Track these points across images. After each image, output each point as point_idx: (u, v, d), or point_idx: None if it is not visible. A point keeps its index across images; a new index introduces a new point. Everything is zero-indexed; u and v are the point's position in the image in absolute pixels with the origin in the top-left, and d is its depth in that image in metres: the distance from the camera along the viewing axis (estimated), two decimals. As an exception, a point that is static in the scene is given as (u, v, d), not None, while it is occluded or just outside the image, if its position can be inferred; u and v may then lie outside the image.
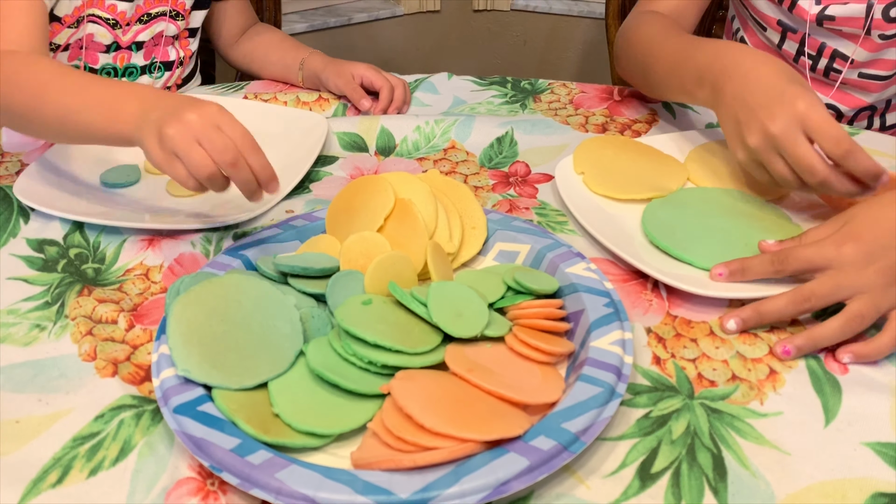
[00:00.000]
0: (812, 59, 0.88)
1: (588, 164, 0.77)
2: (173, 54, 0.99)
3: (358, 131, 0.86)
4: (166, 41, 0.96)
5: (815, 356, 0.57)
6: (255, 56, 1.05)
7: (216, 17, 1.07)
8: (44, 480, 0.48)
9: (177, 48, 1.00)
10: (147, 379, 0.55)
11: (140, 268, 0.66)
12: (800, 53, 0.89)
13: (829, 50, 0.88)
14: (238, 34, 1.08)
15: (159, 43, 0.96)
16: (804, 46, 0.88)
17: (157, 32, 0.96)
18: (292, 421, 0.48)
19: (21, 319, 0.60)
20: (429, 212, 0.64)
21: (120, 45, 0.93)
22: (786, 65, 0.66)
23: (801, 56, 0.89)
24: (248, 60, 1.06)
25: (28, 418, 0.52)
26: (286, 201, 0.75)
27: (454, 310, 0.55)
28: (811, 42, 0.87)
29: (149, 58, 0.96)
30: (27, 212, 0.73)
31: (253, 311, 0.55)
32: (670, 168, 0.77)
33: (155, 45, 0.96)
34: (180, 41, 1.00)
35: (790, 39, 0.89)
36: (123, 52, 0.94)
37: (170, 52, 0.99)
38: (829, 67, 0.89)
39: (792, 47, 0.90)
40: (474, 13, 2.19)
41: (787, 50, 0.91)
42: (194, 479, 0.48)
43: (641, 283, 0.64)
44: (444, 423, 0.46)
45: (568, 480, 0.48)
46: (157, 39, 0.96)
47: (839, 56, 0.88)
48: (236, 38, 1.08)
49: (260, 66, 1.04)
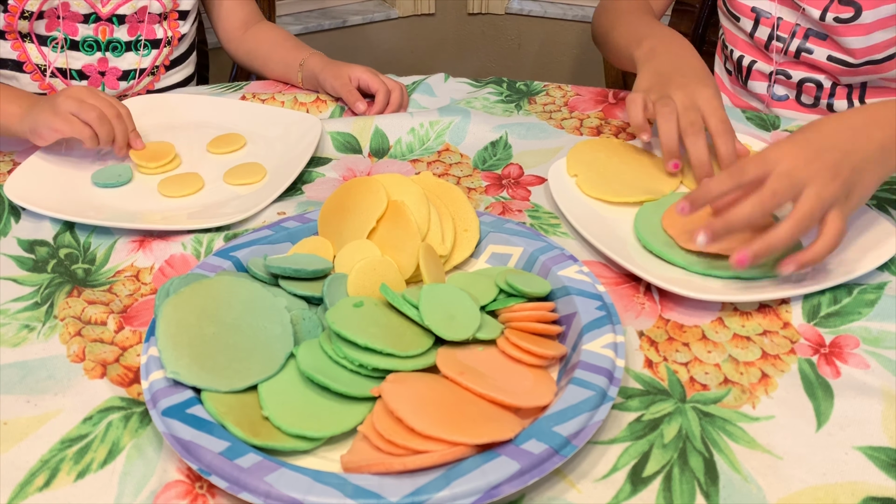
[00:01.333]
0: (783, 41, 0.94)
1: (581, 166, 0.77)
2: (160, 33, 0.98)
3: (352, 131, 0.86)
4: (151, 18, 0.97)
5: (808, 359, 0.57)
6: (257, 54, 1.05)
7: (219, 10, 1.07)
8: (31, 484, 0.47)
9: (164, 27, 0.99)
10: (136, 381, 0.55)
11: (130, 269, 0.66)
12: (771, 38, 0.94)
13: (801, 30, 0.92)
14: (240, 28, 1.08)
15: (144, 20, 0.96)
16: (776, 31, 0.94)
17: (139, 7, 0.95)
18: (282, 424, 0.48)
19: (10, 320, 0.60)
20: (421, 214, 0.64)
21: (99, 16, 0.93)
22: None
23: (771, 41, 0.94)
24: (252, 58, 1.06)
25: (16, 420, 0.51)
26: (278, 203, 0.75)
27: (446, 312, 0.55)
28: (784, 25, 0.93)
29: (134, 34, 0.96)
30: (18, 211, 0.73)
31: (243, 313, 0.55)
32: (663, 172, 0.77)
33: (139, 22, 0.96)
34: (169, 21, 0.99)
35: (763, 25, 0.95)
36: (104, 24, 0.94)
37: (156, 30, 0.98)
38: (800, 49, 0.93)
39: (764, 33, 0.95)
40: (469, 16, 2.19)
41: (759, 37, 0.96)
42: (183, 483, 0.47)
43: (634, 286, 0.64)
44: (434, 426, 0.46)
45: (559, 484, 0.47)
46: (140, 15, 0.96)
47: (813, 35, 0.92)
48: (239, 32, 1.08)
49: (262, 64, 1.05)
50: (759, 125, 0.89)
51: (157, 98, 0.92)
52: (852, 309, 0.61)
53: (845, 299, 0.62)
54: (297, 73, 0.99)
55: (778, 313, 0.61)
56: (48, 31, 0.92)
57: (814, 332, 0.59)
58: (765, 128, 0.88)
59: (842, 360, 0.57)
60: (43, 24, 0.91)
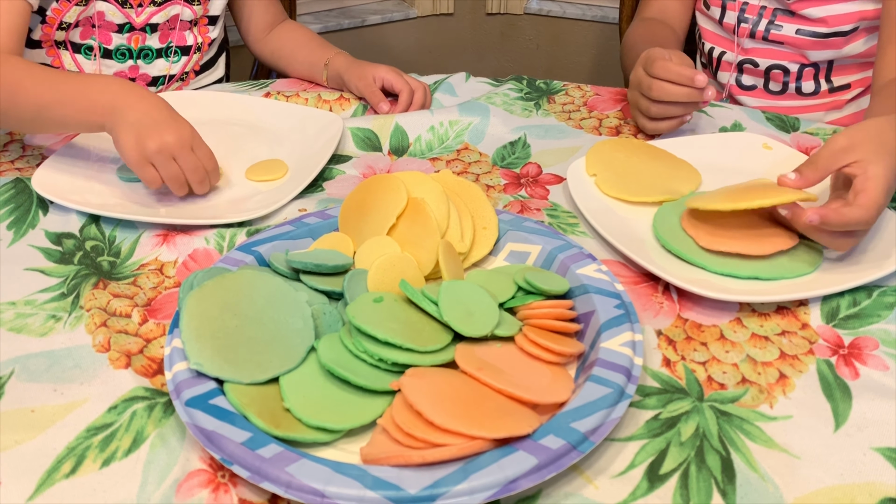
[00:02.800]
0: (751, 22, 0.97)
1: (600, 166, 0.77)
2: (190, 39, 1.00)
3: (372, 127, 0.87)
4: (182, 25, 0.98)
5: (826, 360, 0.57)
6: (282, 54, 1.07)
7: (244, 11, 1.09)
8: (58, 470, 0.48)
9: (195, 34, 1.00)
10: (159, 372, 0.56)
11: (155, 263, 0.67)
12: (740, 22, 0.98)
13: (768, 11, 0.96)
14: (266, 29, 1.10)
15: (175, 27, 0.97)
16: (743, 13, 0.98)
17: (172, 16, 0.96)
18: (303, 416, 0.49)
19: (37, 310, 0.61)
20: (441, 211, 0.64)
21: (133, 26, 0.94)
22: None
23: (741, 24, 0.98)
24: (276, 58, 1.08)
25: (43, 408, 0.53)
26: (299, 200, 0.75)
27: (465, 309, 0.55)
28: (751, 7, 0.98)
29: (164, 41, 0.97)
30: (45, 204, 0.74)
31: (265, 306, 0.56)
32: (682, 172, 0.77)
33: (171, 29, 0.97)
34: (199, 27, 1.00)
35: (730, 10, 1.00)
36: (137, 33, 0.95)
37: (187, 37, 0.99)
38: (768, 28, 0.96)
39: (732, 18, 1.00)
40: (487, 16, 2.19)
41: (728, 22, 1.01)
42: (205, 472, 0.48)
43: (652, 285, 0.64)
44: (453, 420, 0.46)
45: (576, 480, 0.48)
46: (172, 23, 0.97)
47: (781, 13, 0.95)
48: (264, 34, 1.10)
49: (287, 63, 1.06)
50: (779, 126, 0.89)
51: (182, 94, 0.93)
52: (871, 311, 0.61)
53: (865, 301, 0.62)
54: (322, 73, 1.00)
55: (796, 315, 0.61)
56: (82, 39, 0.93)
57: (832, 333, 0.59)
58: (784, 129, 0.88)
59: (861, 361, 0.57)
60: (77, 33, 0.92)
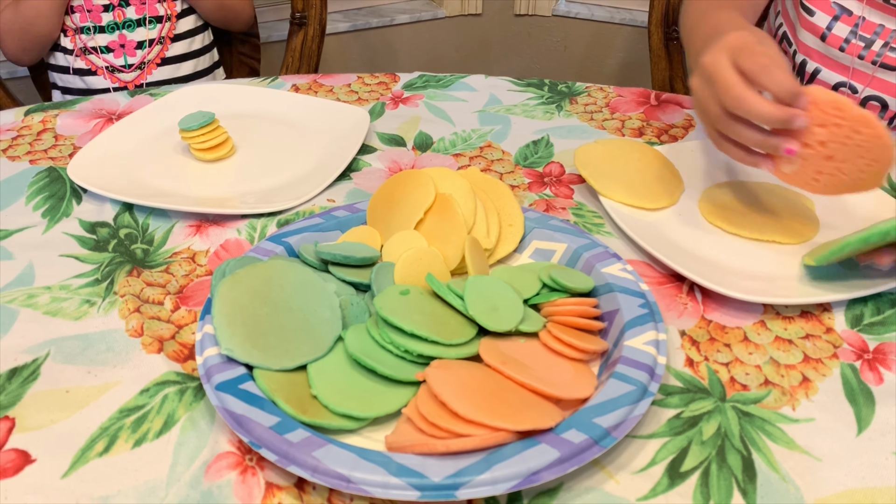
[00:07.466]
0: (865, 41, 0.84)
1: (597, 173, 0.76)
2: (161, 10, 1.21)
3: (397, 132, 0.88)
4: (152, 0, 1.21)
5: (850, 364, 0.57)
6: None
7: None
8: (91, 449, 0.50)
9: (165, 7, 1.22)
10: (190, 357, 0.57)
11: (187, 252, 0.68)
12: (848, 39, 0.85)
13: (886, 32, 0.82)
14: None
15: (145, 1, 1.20)
16: (858, 28, 0.84)
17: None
18: (330, 403, 0.50)
19: (72, 295, 0.63)
20: (468, 207, 0.65)
21: (112, 4, 1.18)
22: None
23: (851, 40, 0.84)
24: None
25: (77, 388, 0.54)
26: (328, 191, 0.77)
27: (490, 304, 0.56)
28: (867, 24, 0.83)
29: (140, 13, 1.20)
30: (80, 193, 0.76)
31: (294, 295, 0.57)
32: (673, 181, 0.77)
33: (142, 4, 1.20)
34: (167, 2, 1.22)
35: (841, 23, 0.85)
36: (118, 9, 1.19)
37: (158, 8, 1.21)
38: (881, 51, 0.83)
39: (842, 31, 0.85)
40: (515, 17, 2.20)
41: (836, 34, 0.86)
42: (234, 454, 0.49)
43: (677, 286, 0.65)
44: (477, 411, 0.47)
45: (597, 475, 0.48)
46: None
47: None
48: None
49: None
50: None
51: (213, 87, 0.95)
52: (895, 320, 0.61)
53: (888, 311, 0.62)
54: None
55: (820, 319, 0.61)
56: (82, 22, 1.18)
57: (857, 337, 0.59)
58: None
59: (885, 366, 0.57)
60: (78, 17, 1.17)
